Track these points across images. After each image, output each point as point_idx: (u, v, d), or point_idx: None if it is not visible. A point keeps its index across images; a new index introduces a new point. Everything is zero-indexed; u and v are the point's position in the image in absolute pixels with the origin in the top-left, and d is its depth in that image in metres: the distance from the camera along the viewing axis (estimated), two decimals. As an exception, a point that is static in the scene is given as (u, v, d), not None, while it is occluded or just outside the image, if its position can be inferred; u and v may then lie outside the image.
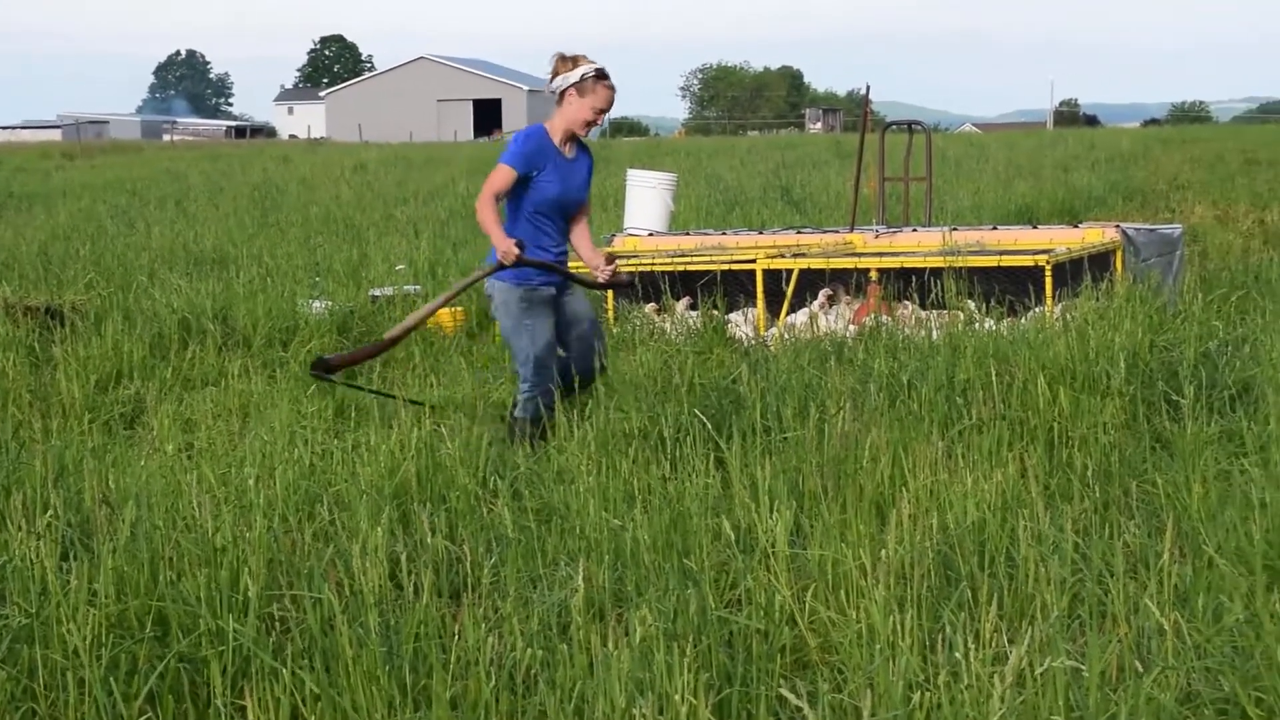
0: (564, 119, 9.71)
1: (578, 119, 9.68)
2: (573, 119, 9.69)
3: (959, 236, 15.03)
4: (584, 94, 9.64)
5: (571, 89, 9.64)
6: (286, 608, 6.32)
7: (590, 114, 9.69)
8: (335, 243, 23.25)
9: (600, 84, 9.67)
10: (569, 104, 9.67)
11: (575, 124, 9.70)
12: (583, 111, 9.67)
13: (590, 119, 9.70)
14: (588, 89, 9.64)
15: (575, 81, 9.63)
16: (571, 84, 9.64)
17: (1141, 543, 6.91)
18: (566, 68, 9.67)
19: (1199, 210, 27.33)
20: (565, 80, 9.65)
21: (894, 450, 8.09)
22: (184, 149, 77.09)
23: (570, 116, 9.69)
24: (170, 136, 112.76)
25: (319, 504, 7.82)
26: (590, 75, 9.64)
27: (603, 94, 9.69)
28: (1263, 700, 5.14)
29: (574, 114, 9.68)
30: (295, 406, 10.77)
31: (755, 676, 5.67)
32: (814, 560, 6.71)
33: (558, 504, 7.91)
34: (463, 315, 14.92)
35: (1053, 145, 54.05)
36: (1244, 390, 9.92)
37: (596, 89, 9.65)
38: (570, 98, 9.66)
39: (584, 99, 9.65)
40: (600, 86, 9.66)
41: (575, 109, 9.67)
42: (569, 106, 9.68)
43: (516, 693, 5.61)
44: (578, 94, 9.64)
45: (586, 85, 9.64)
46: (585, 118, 9.68)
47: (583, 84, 9.64)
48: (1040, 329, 11.20)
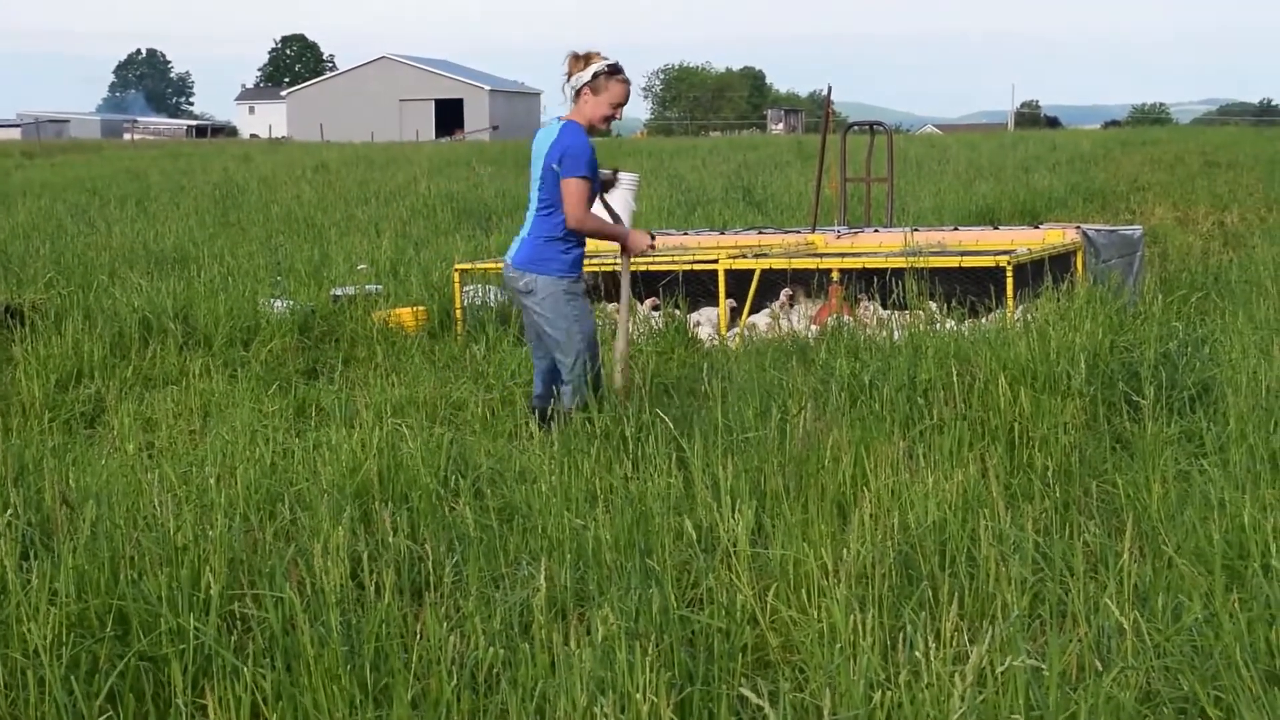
0: (583, 116, 9.75)
1: (596, 115, 9.72)
2: (591, 116, 9.73)
3: (920, 237, 15.08)
4: (599, 91, 9.68)
5: (586, 87, 9.69)
6: (248, 607, 6.30)
7: (608, 109, 9.74)
8: (296, 242, 23.21)
9: (614, 79, 9.71)
10: (585, 102, 9.71)
11: (594, 120, 9.74)
12: (600, 108, 9.71)
13: (608, 114, 9.76)
14: (602, 86, 9.68)
15: (589, 80, 9.67)
16: (585, 82, 9.68)
17: (1101, 543, 6.93)
18: (579, 66, 9.71)
19: (1159, 212, 27.43)
20: (579, 79, 9.69)
21: (855, 450, 8.10)
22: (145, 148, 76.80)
23: (588, 114, 9.73)
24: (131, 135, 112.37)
25: (280, 503, 7.80)
26: (604, 72, 9.67)
27: (618, 89, 9.73)
28: (1221, 699, 5.16)
29: (592, 111, 9.72)
30: (256, 405, 10.75)
31: (717, 675, 5.68)
32: (775, 559, 6.72)
33: (520, 503, 7.90)
34: (424, 314, 14.90)
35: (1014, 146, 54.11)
36: (1204, 391, 9.95)
37: (610, 85, 9.70)
38: (586, 96, 9.70)
39: (599, 96, 9.69)
40: (614, 82, 9.71)
41: (592, 106, 9.71)
42: (585, 104, 9.72)
43: (478, 692, 5.61)
44: (592, 92, 9.69)
45: (600, 82, 9.68)
46: (603, 113, 9.73)
47: (596, 81, 9.68)
48: (1001, 329, 11.23)
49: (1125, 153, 47.60)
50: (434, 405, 10.97)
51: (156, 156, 60.88)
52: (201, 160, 55.86)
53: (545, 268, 9.66)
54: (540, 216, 9.73)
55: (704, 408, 9.63)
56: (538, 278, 9.68)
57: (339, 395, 11.46)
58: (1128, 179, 35.58)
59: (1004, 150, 51.36)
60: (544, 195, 9.70)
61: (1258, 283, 15.50)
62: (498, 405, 10.94)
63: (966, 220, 23.73)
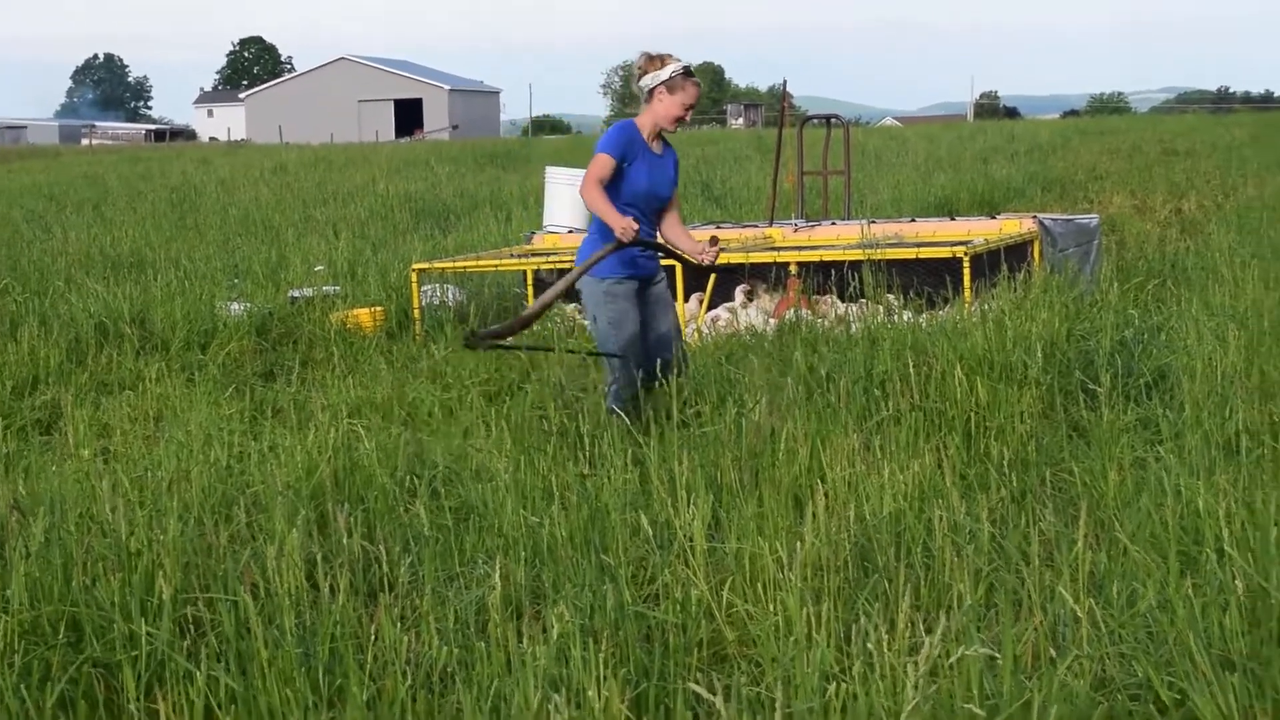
0: (653, 116, 9.84)
1: (668, 115, 9.81)
2: (662, 116, 9.82)
3: (878, 229, 15.10)
4: (674, 91, 9.77)
5: (661, 87, 9.78)
6: (201, 610, 6.28)
7: (680, 110, 9.82)
8: (254, 244, 23.16)
9: (688, 81, 9.82)
10: (659, 101, 9.81)
11: (665, 120, 9.83)
12: (673, 108, 9.79)
13: (679, 115, 9.83)
14: (677, 86, 9.77)
15: (665, 79, 9.77)
16: (661, 82, 9.78)
17: (1057, 531, 6.94)
18: (655, 66, 9.82)
19: (1117, 200, 27.51)
20: (655, 78, 9.79)
21: (812, 443, 8.10)
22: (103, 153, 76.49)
23: (660, 113, 9.82)
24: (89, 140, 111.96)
25: (236, 506, 7.77)
26: (679, 73, 9.78)
27: (691, 91, 9.83)
28: (1175, 684, 5.17)
29: (664, 111, 9.81)
30: (213, 409, 10.71)
31: (672, 671, 5.68)
32: (731, 553, 6.71)
33: (476, 502, 7.88)
34: (382, 315, 14.88)
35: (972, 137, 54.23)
36: (1160, 378, 9.97)
37: (685, 86, 9.79)
38: (660, 95, 9.79)
39: (674, 96, 9.78)
40: (689, 84, 9.81)
41: (665, 106, 9.80)
42: (659, 104, 9.81)
43: (433, 692, 5.60)
44: (668, 91, 9.78)
45: (676, 82, 9.77)
46: (675, 114, 9.81)
47: (672, 81, 9.77)
48: (958, 320, 11.24)
49: (1083, 142, 47.74)
50: (391, 405, 10.95)
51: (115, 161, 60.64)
52: (160, 164, 55.67)
53: (594, 268, 9.74)
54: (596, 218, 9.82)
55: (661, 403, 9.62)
56: (586, 277, 9.76)
57: (296, 397, 11.44)
58: (1086, 168, 35.67)
59: (962, 141, 51.47)
60: None
61: (1214, 270, 15.54)
62: (455, 404, 10.91)
63: (924, 212, 23.77)
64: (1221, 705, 4.97)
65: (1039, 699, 4.92)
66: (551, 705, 5.07)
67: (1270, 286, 13.45)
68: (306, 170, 47.21)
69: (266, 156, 59.72)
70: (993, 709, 4.95)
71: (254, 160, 56.29)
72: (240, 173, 46.79)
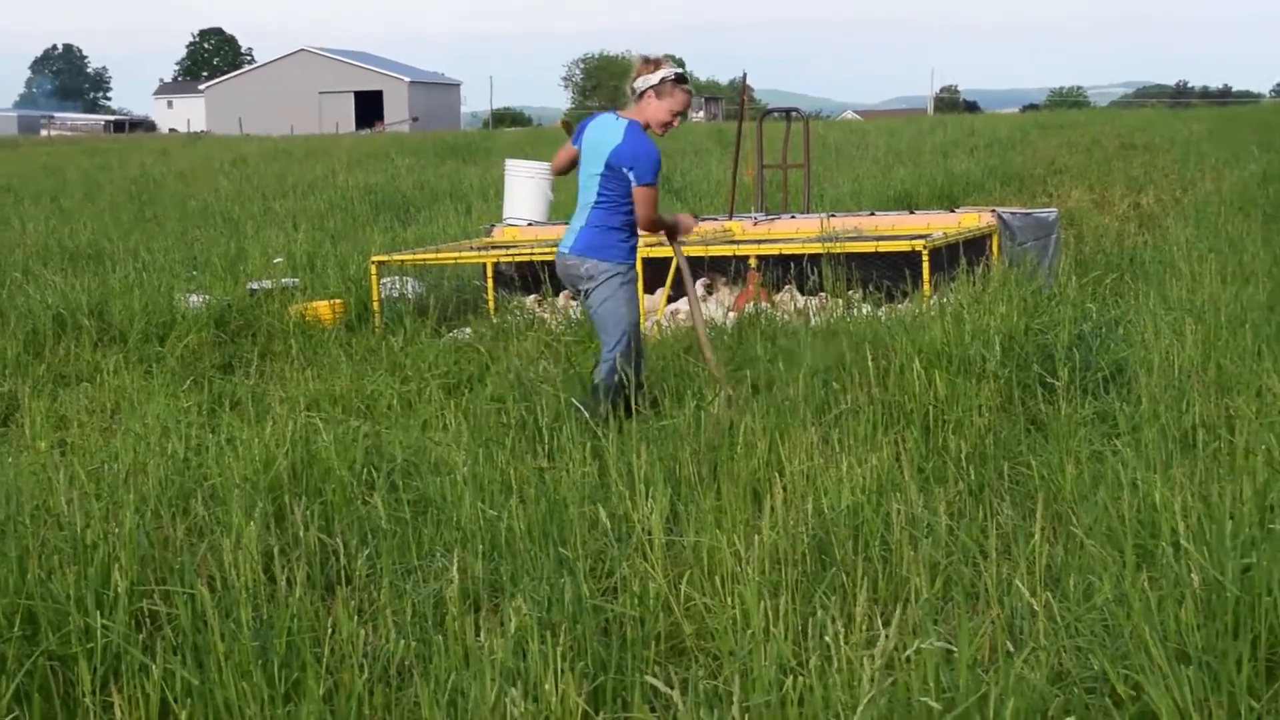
0: (643, 117, 9.90)
1: (656, 119, 9.89)
2: (652, 118, 9.89)
3: (837, 223, 15.09)
4: (662, 96, 9.84)
5: (651, 91, 9.84)
6: (158, 604, 6.25)
7: (668, 115, 9.90)
8: (213, 236, 23.09)
9: (679, 88, 9.88)
10: (648, 104, 9.87)
11: (654, 123, 9.90)
12: (660, 113, 9.88)
13: (668, 120, 9.91)
14: (666, 92, 9.84)
15: (655, 84, 9.83)
16: (651, 86, 9.84)
17: (1015, 524, 6.96)
18: (648, 70, 9.88)
19: (1076, 194, 27.54)
20: (645, 82, 9.85)
21: (770, 436, 8.11)
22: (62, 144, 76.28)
23: (650, 116, 9.89)
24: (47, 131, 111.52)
25: (193, 499, 7.75)
26: (670, 79, 9.84)
27: (680, 97, 9.90)
28: (1130, 677, 5.18)
29: (653, 114, 9.88)
30: (171, 401, 10.67)
31: (630, 664, 5.67)
32: (689, 547, 6.71)
33: (434, 495, 7.87)
34: (341, 307, 14.84)
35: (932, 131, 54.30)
36: (1117, 372, 10.00)
37: (675, 92, 9.87)
38: (649, 99, 9.86)
39: (662, 101, 9.85)
40: (679, 90, 9.88)
41: (654, 110, 9.87)
42: (648, 107, 9.87)
43: (391, 685, 5.59)
44: (656, 96, 9.85)
45: (665, 88, 9.84)
46: (663, 119, 9.89)
47: (662, 86, 9.83)
48: (917, 313, 11.26)
49: (1043, 136, 47.83)
50: (350, 398, 10.93)
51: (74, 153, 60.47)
52: (119, 155, 55.49)
53: (606, 254, 9.84)
54: (601, 208, 9.87)
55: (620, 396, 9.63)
56: (599, 263, 9.83)
57: (254, 389, 11.41)
58: (1045, 162, 35.72)
59: (922, 135, 51.52)
60: (606, 189, 9.85)
61: (1171, 264, 15.58)
62: (414, 397, 10.90)
63: (884, 205, 23.77)
64: (1177, 698, 4.98)
65: (995, 692, 4.93)
66: (509, 699, 5.08)
67: (1227, 281, 13.50)
68: (266, 162, 47.09)
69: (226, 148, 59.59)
70: (949, 702, 4.96)
71: (213, 152, 56.15)
72: (200, 164, 46.67)
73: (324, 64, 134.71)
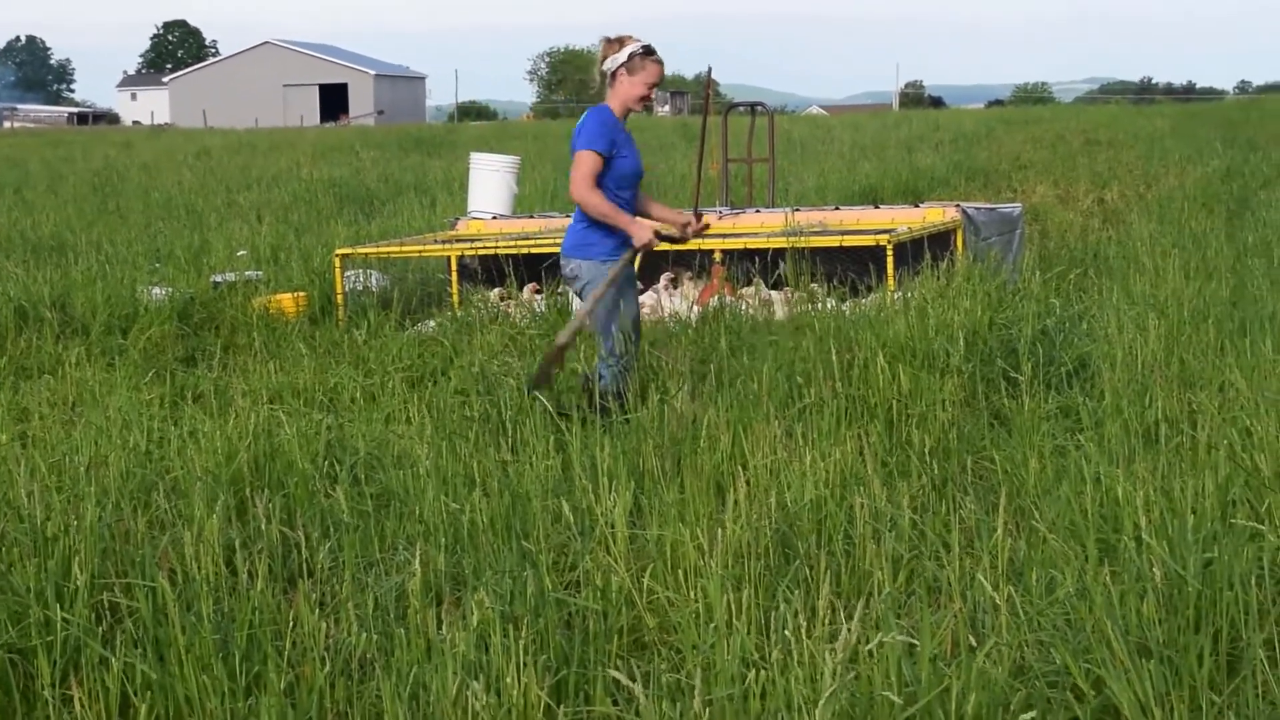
0: (619, 99, 9.78)
1: (632, 96, 9.77)
2: (627, 97, 9.77)
3: (802, 217, 15.08)
4: (634, 72, 9.72)
5: (621, 69, 9.73)
6: (118, 596, 6.23)
7: (643, 90, 9.78)
8: (176, 229, 23.02)
9: (648, 60, 9.75)
10: (621, 84, 9.76)
11: (630, 101, 9.78)
12: (635, 89, 9.75)
13: (643, 94, 9.80)
14: (637, 67, 9.72)
15: (624, 62, 9.72)
16: (621, 65, 9.72)
17: (978, 518, 6.96)
18: (614, 49, 9.77)
19: (1040, 190, 27.62)
20: (614, 61, 9.74)
21: (734, 430, 8.10)
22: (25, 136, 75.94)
23: (624, 95, 9.77)
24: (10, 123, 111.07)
25: (154, 491, 7.72)
26: (638, 53, 9.72)
27: (652, 70, 9.77)
28: (1092, 671, 5.19)
29: (627, 92, 9.76)
30: (133, 394, 10.63)
31: (592, 658, 5.67)
32: (652, 540, 6.71)
33: (397, 488, 7.85)
34: (305, 300, 14.80)
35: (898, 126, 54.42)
36: (1080, 366, 10.02)
37: (646, 65, 9.74)
38: (621, 78, 9.74)
39: (634, 77, 9.73)
40: (649, 63, 9.75)
41: (628, 87, 9.75)
42: (621, 86, 9.76)
43: (352, 679, 5.58)
44: (628, 73, 9.73)
45: (635, 63, 9.72)
46: (638, 94, 9.77)
47: (631, 63, 9.71)
48: (881, 308, 11.26)
49: (1008, 131, 47.94)
50: (313, 391, 10.90)
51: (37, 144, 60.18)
52: (82, 147, 55.27)
53: (587, 252, 9.74)
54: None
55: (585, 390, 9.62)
56: (581, 263, 9.75)
57: (217, 382, 11.38)
58: (1010, 157, 35.81)
59: (888, 130, 51.63)
60: None
61: (1135, 259, 15.64)
62: (377, 390, 10.88)
63: (849, 200, 23.78)
64: (1138, 692, 4.99)
65: (957, 686, 4.93)
66: (470, 692, 5.07)
67: (1190, 276, 13.55)
68: (230, 155, 46.99)
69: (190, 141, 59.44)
70: (911, 696, 4.96)
71: (177, 144, 56.00)
72: (163, 157, 46.54)
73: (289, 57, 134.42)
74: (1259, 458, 7.14)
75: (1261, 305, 11.51)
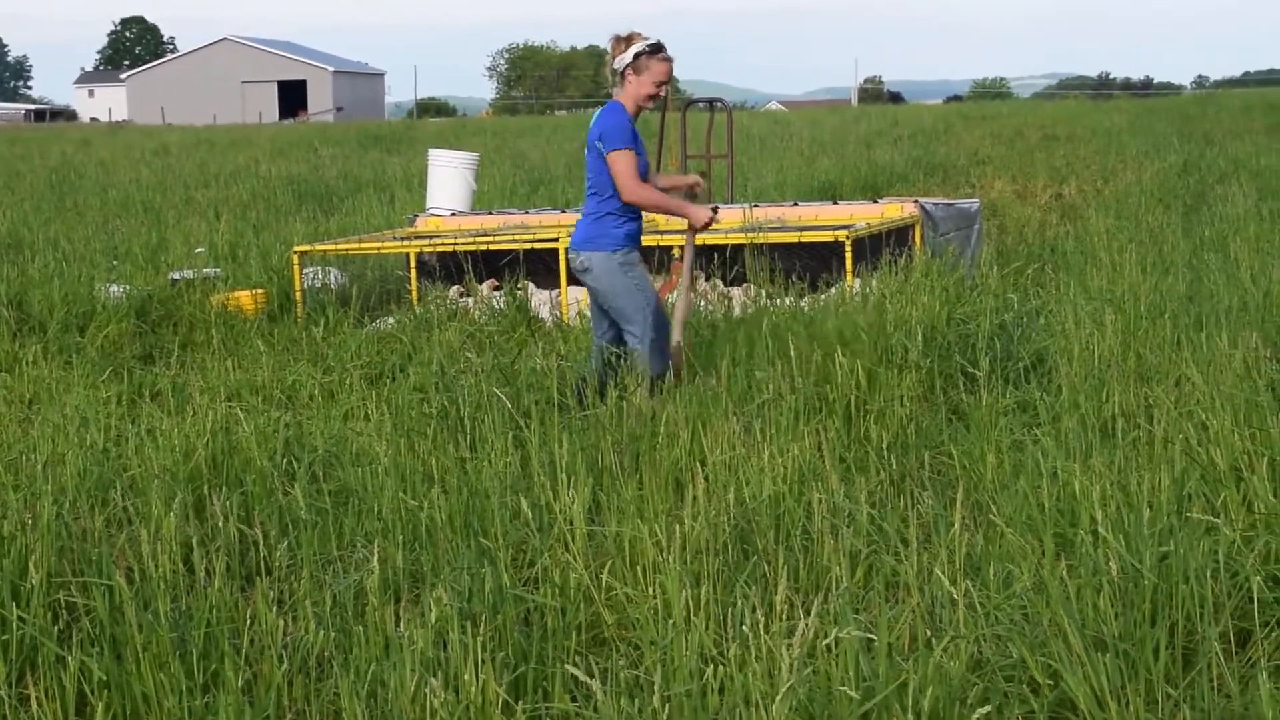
0: (630, 97, 9.79)
1: (640, 94, 9.78)
2: (636, 95, 9.78)
3: (760, 213, 15.10)
4: (641, 71, 9.74)
5: (629, 69, 9.74)
6: (75, 595, 6.21)
7: (651, 88, 9.79)
8: (134, 226, 22.93)
9: (655, 58, 9.76)
10: (630, 83, 9.77)
11: (639, 100, 9.80)
12: (644, 87, 9.77)
13: (652, 93, 9.81)
14: (644, 66, 9.73)
15: (630, 61, 9.73)
16: (628, 65, 9.73)
17: (935, 513, 6.97)
18: (621, 49, 9.79)
19: (999, 185, 27.70)
20: (622, 61, 9.75)
21: (692, 426, 8.11)
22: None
23: (634, 94, 9.78)
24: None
25: (112, 489, 7.70)
26: (645, 52, 9.73)
27: (659, 68, 9.77)
28: (1049, 665, 5.21)
29: (636, 91, 9.77)
30: (90, 392, 10.60)
31: (551, 654, 5.67)
32: (611, 537, 6.71)
33: (355, 485, 7.84)
34: (264, 297, 14.77)
35: (857, 122, 54.46)
36: (1038, 361, 10.05)
37: (652, 64, 9.75)
38: (630, 77, 9.76)
39: (642, 76, 9.75)
40: (655, 61, 9.76)
41: (636, 86, 9.77)
42: (630, 85, 9.78)
43: (310, 676, 5.57)
44: (635, 73, 9.74)
45: (642, 63, 9.73)
46: (647, 92, 9.78)
47: (638, 62, 9.72)
48: (840, 303, 11.28)
49: (966, 127, 48.00)
50: (271, 389, 10.88)
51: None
52: (39, 145, 55.03)
53: (598, 244, 9.76)
54: (590, 196, 9.84)
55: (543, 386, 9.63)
56: (592, 255, 9.76)
57: (175, 380, 11.35)
58: (968, 153, 35.88)
59: (847, 126, 51.68)
60: (591, 175, 9.81)
61: (1092, 254, 15.68)
62: (336, 387, 10.86)
63: (808, 196, 23.81)
64: (1094, 686, 5.01)
65: (915, 681, 4.94)
66: (429, 689, 5.07)
67: (1147, 271, 13.58)
68: (188, 152, 46.84)
69: (148, 138, 59.23)
70: (868, 691, 4.97)
71: (135, 141, 55.81)
72: (121, 154, 46.38)
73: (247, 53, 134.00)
74: (1214, 452, 7.17)
75: (1217, 300, 11.55)
